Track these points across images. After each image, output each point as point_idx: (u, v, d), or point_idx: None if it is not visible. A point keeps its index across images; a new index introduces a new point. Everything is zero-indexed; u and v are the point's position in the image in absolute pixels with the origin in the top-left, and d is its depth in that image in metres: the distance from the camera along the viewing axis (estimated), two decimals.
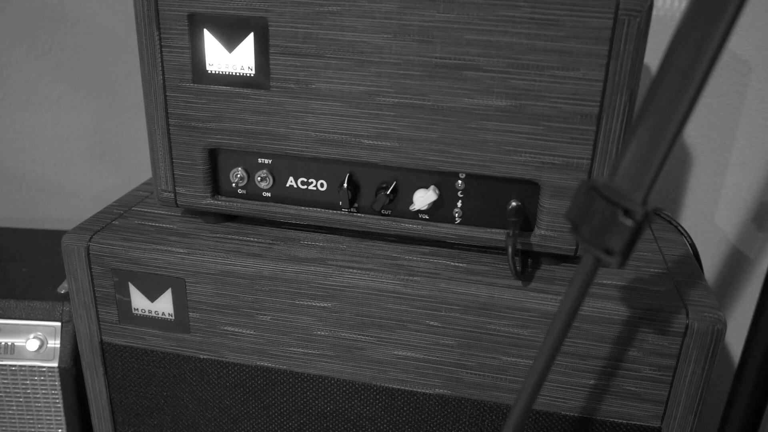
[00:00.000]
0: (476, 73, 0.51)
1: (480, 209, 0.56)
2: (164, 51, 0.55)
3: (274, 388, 0.60)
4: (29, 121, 1.08)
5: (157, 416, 0.65)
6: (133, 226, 0.62)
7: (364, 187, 0.57)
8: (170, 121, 0.57)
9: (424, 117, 0.53)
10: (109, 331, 0.62)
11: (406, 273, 0.55)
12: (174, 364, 0.62)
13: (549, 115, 0.51)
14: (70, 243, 0.60)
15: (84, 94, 1.07)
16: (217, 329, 0.59)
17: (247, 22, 0.53)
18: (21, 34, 1.02)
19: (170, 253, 0.58)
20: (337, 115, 0.54)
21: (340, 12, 0.51)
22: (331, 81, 0.53)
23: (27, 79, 1.05)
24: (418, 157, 0.54)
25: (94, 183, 1.13)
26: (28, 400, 0.76)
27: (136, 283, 0.59)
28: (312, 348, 0.58)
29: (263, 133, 0.56)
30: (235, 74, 0.54)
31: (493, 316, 0.53)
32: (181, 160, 0.59)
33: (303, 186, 0.58)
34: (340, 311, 0.56)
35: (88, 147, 1.11)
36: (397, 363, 0.57)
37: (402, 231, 0.58)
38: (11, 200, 1.12)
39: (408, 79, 0.52)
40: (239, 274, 0.57)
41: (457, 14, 0.49)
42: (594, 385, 0.54)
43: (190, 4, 0.53)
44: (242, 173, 0.59)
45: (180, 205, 0.61)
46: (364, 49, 0.52)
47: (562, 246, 0.55)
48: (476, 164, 0.53)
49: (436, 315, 0.54)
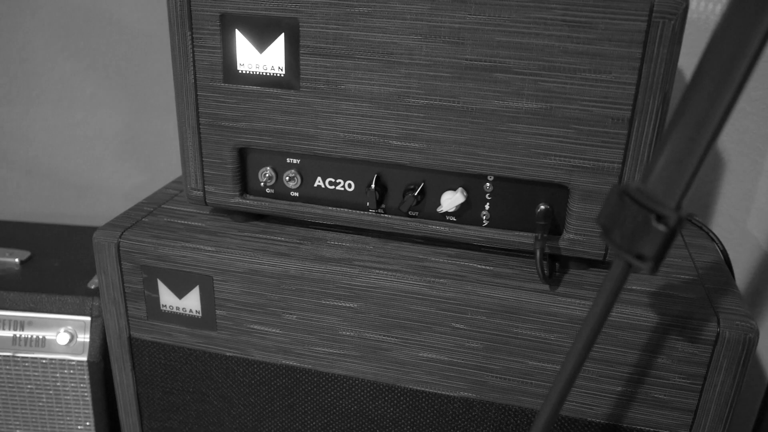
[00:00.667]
0: (506, 75, 0.50)
1: (508, 212, 0.56)
2: (196, 51, 0.56)
3: (298, 387, 0.61)
4: (62, 119, 1.10)
5: (182, 412, 0.65)
6: (162, 223, 0.63)
7: (391, 188, 0.57)
8: (201, 120, 0.58)
9: (453, 119, 0.53)
10: (138, 327, 0.63)
11: (433, 275, 0.55)
12: (200, 360, 0.62)
13: (580, 118, 0.50)
14: (101, 239, 0.61)
15: (115, 93, 1.09)
16: (244, 327, 0.60)
17: (278, 22, 0.53)
18: (55, 33, 1.04)
19: (198, 251, 0.58)
20: (366, 116, 0.54)
21: (371, 13, 0.51)
22: (360, 82, 0.53)
23: (60, 78, 1.07)
24: (446, 158, 0.54)
25: (123, 180, 1.15)
26: (58, 392, 0.77)
27: (165, 279, 0.60)
28: (337, 348, 0.58)
29: (292, 133, 0.56)
30: (265, 74, 0.55)
31: (520, 319, 0.53)
32: (211, 159, 0.59)
33: (331, 186, 0.59)
34: (366, 312, 0.56)
35: (118, 145, 1.12)
36: (422, 365, 0.57)
37: (429, 233, 0.57)
38: (44, 196, 1.14)
39: (437, 81, 0.52)
40: (266, 273, 0.57)
41: (488, 16, 0.49)
42: (621, 392, 0.53)
43: (222, 5, 0.54)
44: (271, 173, 0.59)
45: (209, 203, 0.61)
46: (394, 51, 0.52)
47: (591, 250, 0.54)
48: (505, 167, 0.53)
49: (461, 317, 0.54)
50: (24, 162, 1.12)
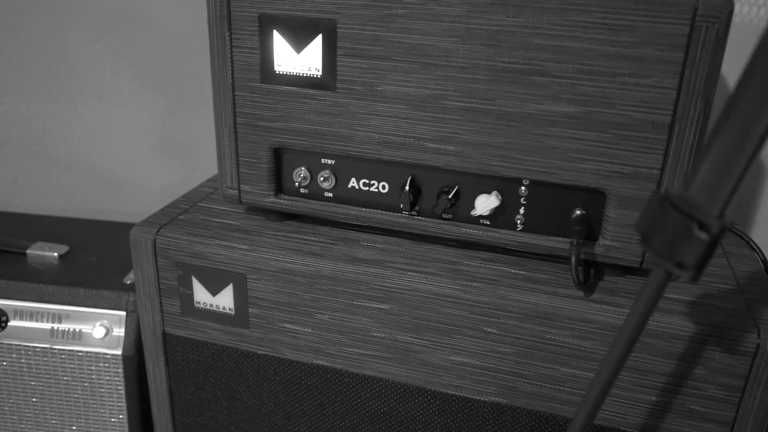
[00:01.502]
0: (544, 78, 0.50)
1: (543, 216, 0.55)
2: (234, 51, 0.56)
3: (329, 387, 0.61)
4: (101, 117, 1.12)
5: (213, 408, 0.66)
6: (197, 221, 0.64)
7: (425, 190, 0.57)
8: (237, 120, 0.59)
9: (489, 122, 0.52)
10: (172, 323, 0.64)
11: (466, 278, 0.55)
12: (232, 358, 0.63)
13: (618, 122, 0.50)
14: (138, 235, 0.62)
15: (153, 92, 1.10)
16: (276, 326, 0.60)
17: (316, 23, 0.53)
18: (96, 33, 1.06)
19: (233, 249, 0.59)
20: (402, 118, 0.54)
21: (408, 15, 0.51)
22: (396, 84, 0.53)
23: (100, 76, 1.09)
24: (481, 161, 0.54)
25: (159, 178, 1.17)
26: (93, 385, 0.79)
27: (199, 276, 0.61)
28: (368, 349, 0.58)
29: (328, 134, 0.57)
30: (302, 75, 0.55)
31: (553, 325, 0.53)
32: (247, 159, 0.60)
33: (365, 187, 0.59)
34: (398, 314, 0.56)
35: (155, 143, 1.14)
36: (453, 368, 0.56)
37: (462, 236, 0.57)
38: (82, 192, 1.17)
39: (474, 83, 0.51)
40: (299, 273, 0.58)
41: (526, 18, 0.49)
42: (656, 402, 0.52)
43: (261, 6, 0.54)
44: (305, 173, 0.59)
45: (244, 202, 0.62)
46: (431, 53, 0.52)
47: (628, 257, 0.53)
48: (541, 171, 0.53)
49: (493, 322, 0.54)
50: (64, 158, 1.14)
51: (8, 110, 1.10)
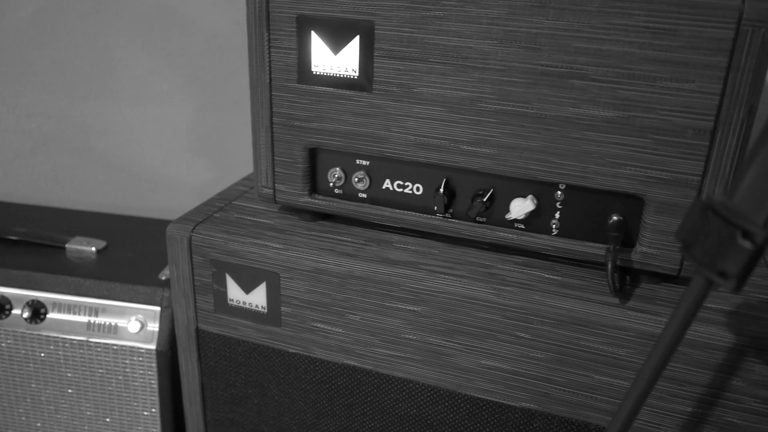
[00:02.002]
0: (583, 82, 0.49)
1: (579, 222, 0.55)
2: (272, 51, 0.57)
3: (359, 387, 0.61)
4: (139, 115, 1.14)
5: (244, 405, 0.67)
6: (232, 219, 0.64)
7: (460, 193, 0.57)
8: (274, 120, 0.59)
9: (525, 125, 0.52)
10: (205, 319, 0.65)
11: (499, 282, 0.55)
12: (264, 355, 0.64)
13: (658, 127, 0.49)
14: (174, 232, 0.63)
15: (190, 91, 1.12)
16: (307, 325, 0.61)
17: (354, 25, 0.53)
18: (136, 32, 1.08)
19: (267, 248, 0.60)
20: (438, 120, 0.54)
21: (447, 17, 0.51)
22: (433, 85, 0.53)
23: (139, 75, 1.11)
24: (517, 165, 0.53)
25: (194, 176, 1.18)
26: (127, 378, 0.80)
27: (233, 274, 0.61)
28: (399, 351, 0.58)
29: (363, 135, 0.57)
30: (339, 76, 0.55)
31: (587, 332, 0.52)
32: (282, 158, 0.60)
33: (399, 189, 0.59)
34: (430, 316, 0.56)
35: (190, 141, 1.16)
36: (484, 372, 0.56)
37: (496, 239, 0.57)
38: (119, 188, 1.19)
39: (511, 86, 0.51)
40: (332, 273, 0.58)
41: (566, 21, 0.48)
42: (692, 413, 0.51)
43: (300, 7, 0.55)
44: (340, 173, 0.59)
45: (278, 201, 0.62)
46: (469, 55, 0.51)
47: (665, 264, 0.52)
48: (578, 175, 0.52)
49: (527, 327, 0.53)
50: (102, 155, 1.17)
51: (50, 107, 1.12)
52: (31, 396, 0.84)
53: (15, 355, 0.82)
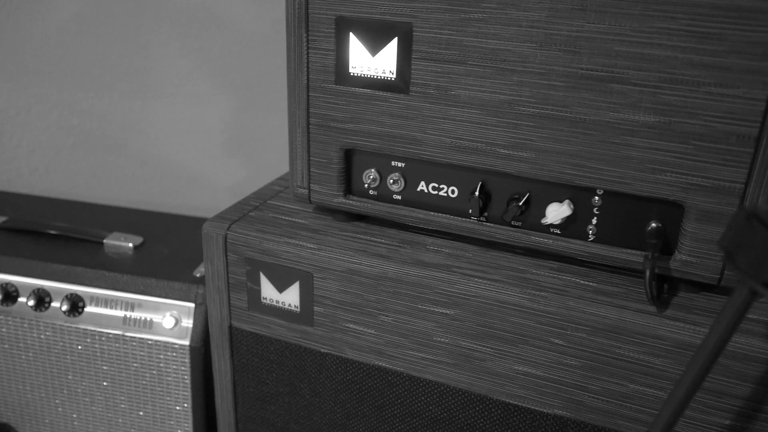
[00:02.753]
0: (624, 86, 0.49)
1: (616, 228, 0.54)
2: (310, 52, 0.57)
3: (389, 389, 0.61)
4: (176, 114, 1.15)
5: (274, 403, 0.67)
6: (267, 218, 0.65)
7: (495, 196, 0.57)
8: (310, 120, 0.59)
9: (564, 129, 0.51)
10: (238, 317, 0.65)
11: (533, 287, 0.54)
12: (295, 354, 0.64)
13: (701, 134, 0.48)
14: (210, 230, 0.63)
15: (226, 90, 1.13)
16: (340, 325, 0.61)
17: (393, 27, 0.54)
18: (175, 32, 1.10)
19: (301, 248, 0.60)
20: (475, 123, 0.54)
21: (486, 20, 0.51)
22: (471, 88, 0.53)
23: (177, 75, 1.13)
24: (554, 169, 0.53)
25: (228, 175, 1.20)
26: (160, 373, 0.81)
27: (267, 273, 0.62)
28: (430, 353, 0.58)
29: (399, 137, 0.57)
30: (376, 77, 0.56)
31: (623, 340, 0.51)
32: (318, 159, 0.60)
33: (434, 191, 0.59)
34: (462, 320, 0.56)
35: (225, 141, 1.17)
36: (517, 378, 0.56)
37: (531, 244, 0.56)
38: (156, 185, 1.21)
39: (550, 90, 0.51)
40: (365, 274, 0.58)
41: (608, 25, 0.48)
42: (730, 426, 0.50)
43: (339, 8, 0.55)
44: (375, 175, 0.60)
45: (313, 201, 0.63)
46: (507, 58, 0.51)
47: (705, 273, 0.51)
48: (616, 181, 0.51)
49: (561, 333, 0.53)
50: (140, 153, 1.19)
51: (91, 105, 1.15)
52: (68, 387, 0.85)
53: (53, 346, 0.83)
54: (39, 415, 0.88)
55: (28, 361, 0.85)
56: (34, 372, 0.86)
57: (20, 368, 0.86)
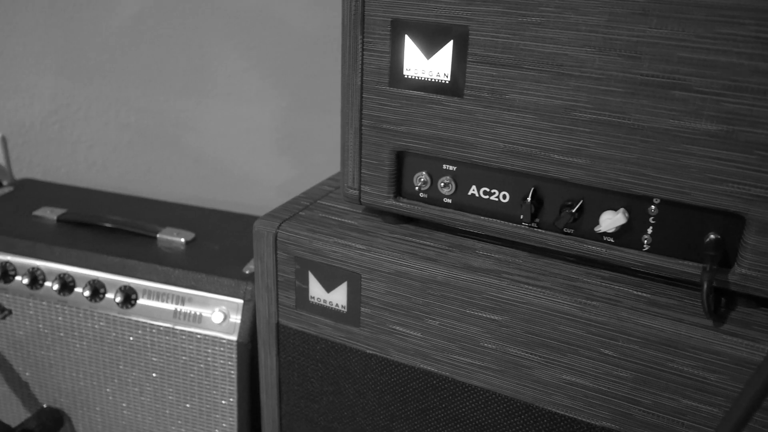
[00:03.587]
0: (686, 93, 0.47)
1: (672, 238, 0.52)
2: (365, 54, 0.57)
3: (434, 393, 0.61)
4: (228, 113, 1.18)
5: (319, 401, 0.68)
6: (317, 218, 0.66)
7: (548, 202, 0.56)
8: (363, 122, 0.60)
9: (621, 136, 0.50)
10: (286, 315, 0.66)
11: (584, 296, 0.53)
12: (341, 354, 0.64)
13: (765, 143, 0.46)
14: (261, 228, 0.64)
15: (278, 91, 1.15)
16: (386, 327, 0.61)
17: (449, 29, 0.53)
18: (230, 32, 1.12)
19: (350, 248, 0.60)
20: (529, 128, 0.53)
21: (544, 23, 0.50)
22: (526, 93, 0.52)
23: (231, 74, 1.15)
24: (610, 177, 0.52)
25: (277, 174, 1.21)
26: (208, 367, 0.83)
27: (316, 272, 0.62)
28: (476, 359, 0.58)
29: (451, 140, 0.56)
30: (430, 80, 0.55)
31: (677, 354, 0.50)
32: (369, 160, 0.61)
33: (485, 196, 0.58)
34: (511, 326, 0.55)
35: (276, 140, 1.19)
36: (564, 388, 0.55)
37: (583, 252, 0.55)
38: (208, 182, 1.23)
39: (608, 96, 0.50)
40: (413, 276, 0.58)
41: (671, 30, 0.46)
42: None
43: (395, 10, 0.55)
44: (426, 178, 0.59)
45: (363, 202, 0.63)
46: (565, 62, 0.50)
47: (766, 288, 0.50)
48: (674, 190, 0.50)
49: (612, 344, 0.52)
50: (193, 150, 1.21)
51: (148, 103, 1.18)
52: (119, 377, 0.88)
53: (106, 337, 0.86)
54: (90, 403, 0.91)
55: (82, 349, 0.88)
56: (87, 360, 0.88)
57: (74, 356, 0.89)
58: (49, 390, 0.92)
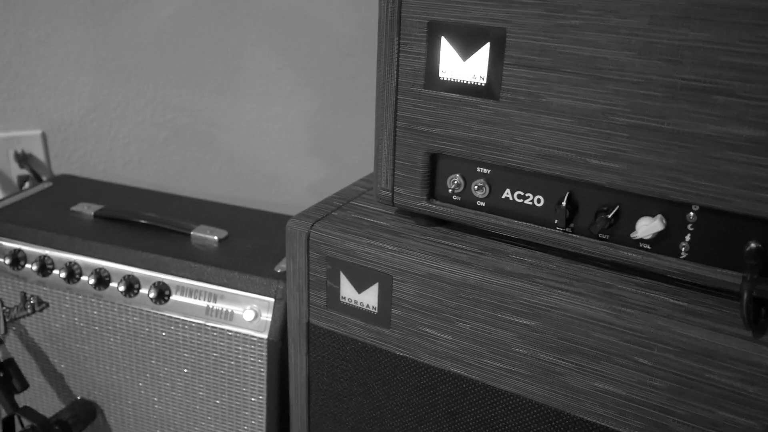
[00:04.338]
0: (728, 98, 0.46)
1: (711, 246, 0.51)
2: (401, 55, 0.57)
3: (463, 397, 0.60)
4: (262, 113, 1.19)
5: (347, 402, 0.68)
6: (350, 219, 0.66)
7: (583, 207, 0.55)
8: (398, 124, 0.60)
9: (660, 141, 0.49)
10: (317, 314, 0.66)
11: (619, 303, 0.52)
12: (371, 355, 0.64)
13: None
14: (294, 228, 0.65)
15: (311, 91, 1.15)
16: (416, 329, 0.61)
17: (486, 32, 0.53)
18: (265, 32, 1.13)
19: (382, 249, 0.60)
20: (565, 132, 0.52)
21: (583, 26, 0.49)
22: (563, 96, 0.52)
23: (265, 74, 1.16)
24: (647, 182, 0.51)
25: (309, 173, 1.22)
26: (238, 364, 0.83)
27: (347, 273, 0.63)
28: (507, 364, 0.57)
29: (486, 143, 0.56)
30: (466, 82, 0.55)
31: (714, 364, 0.49)
32: (403, 162, 0.61)
33: (519, 199, 0.58)
34: (543, 332, 0.54)
35: (308, 140, 1.19)
36: (596, 395, 0.54)
37: (619, 258, 0.55)
38: (241, 181, 1.24)
39: (647, 100, 0.49)
40: (445, 279, 0.58)
41: (713, 34, 0.46)
42: None
43: (432, 12, 0.55)
44: (459, 180, 0.59)
45: (396, 204, 0.63)
46: (603, 66, 0.50)
47: None
48: (714, 197, 0.49)
49: (646, 353, 0.51)
50: (227, 149, 1.23)
51: (183, 101, 1.19)
52: (151, 371, 0.89)
53: (140, 331, 0.87)
54: (123, 396, 0.92)
55: (116, 343, 0.89)
56: (121, 354, 0.90)
57: (108, 350, 0.90)
58: (83, 382, 0.94)
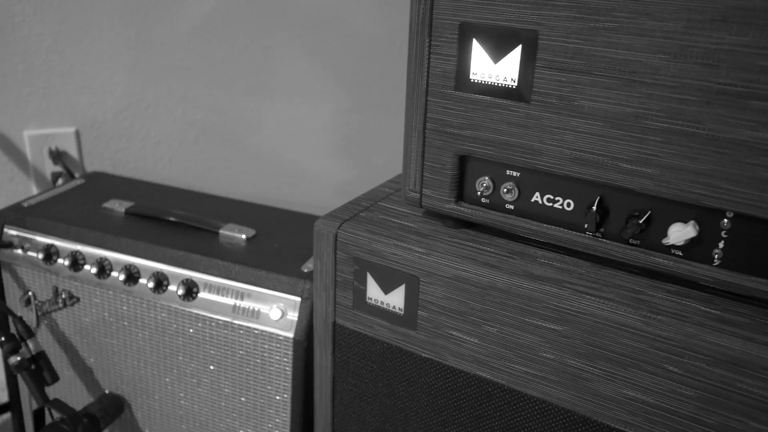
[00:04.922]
0: (765, 103, 0.45)
1: (745, 253, 0.50)
2: (432, 57, 0.57)
3: (489, 401, 0.60)
4: (291, 113, 1.19)
5: (372, 402, 0.68)
6: (377, 219, 0.66)
7: (614, 212, 0.54)
8: (427, 125, 0.60)
9: (694, 146, 0.49)
10: (343, 315, 0.66)
11: (650, 310, 0.52)
12: (396, 356, 0.64)
13: None
14: (321, 228, 0.65)
15: (340, 92, 1.16)
16: (442, 331, 0.61)
17: (517, 34, 0.53)
18: (296, 33, 1.14)
19: (409, 251, 0.60)
20: (597, 135, 0.52)
21: (617, 29, 0.49)
22: (595, 99, 0.51)
23: (296, 74, 1.16)
24: (681, 188, 0.50)
25: (337, 174, 1.22)
26: (264, 362, 0.84)
27: (374, 274, 0.63)
28: (534, 369, 0.57)
29: (516, 146, 0.56)
30: (497, 85, 0.55)
31: (747, 374, 0.48)
32: (432, 164, 0.61)
33: (548, 203, 0.57)
34: (571, 337, 0.54)
35: (336, 141, 1.20)
36: (625, 403, 0.53)
37: (650, 264, 0.54)
38: (269, 180, 1.25)
39: (682, 104, 0.48)
40: (472, 282, 0.57)
41: (752, 38, 0.45)
42: None
43: (464, 14, 0.55)
44: (488, 183, 0.59)
45: (424, 206, 0.63)
46: (637, 69, 0.49)
47: None
48: (749, 204, 0.48)
49: (677, 361, 0.50)
50: (255, 148, 1.24)
51: (214, 101, 1.21)
52: (178, 367, 0.90)
53: (167, 328, 0.88)
54: (150, 391, 0.94)
55: (144, 339, 0.90)
56: (149, 350, 0.91)
57: (137, 345, 0.91)
58: (112, 377, 0.96)
